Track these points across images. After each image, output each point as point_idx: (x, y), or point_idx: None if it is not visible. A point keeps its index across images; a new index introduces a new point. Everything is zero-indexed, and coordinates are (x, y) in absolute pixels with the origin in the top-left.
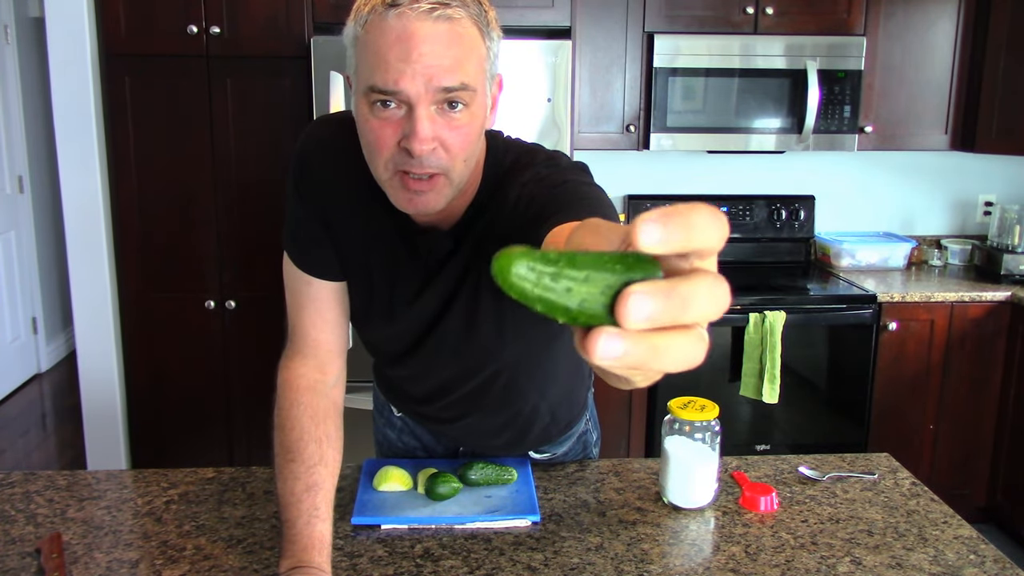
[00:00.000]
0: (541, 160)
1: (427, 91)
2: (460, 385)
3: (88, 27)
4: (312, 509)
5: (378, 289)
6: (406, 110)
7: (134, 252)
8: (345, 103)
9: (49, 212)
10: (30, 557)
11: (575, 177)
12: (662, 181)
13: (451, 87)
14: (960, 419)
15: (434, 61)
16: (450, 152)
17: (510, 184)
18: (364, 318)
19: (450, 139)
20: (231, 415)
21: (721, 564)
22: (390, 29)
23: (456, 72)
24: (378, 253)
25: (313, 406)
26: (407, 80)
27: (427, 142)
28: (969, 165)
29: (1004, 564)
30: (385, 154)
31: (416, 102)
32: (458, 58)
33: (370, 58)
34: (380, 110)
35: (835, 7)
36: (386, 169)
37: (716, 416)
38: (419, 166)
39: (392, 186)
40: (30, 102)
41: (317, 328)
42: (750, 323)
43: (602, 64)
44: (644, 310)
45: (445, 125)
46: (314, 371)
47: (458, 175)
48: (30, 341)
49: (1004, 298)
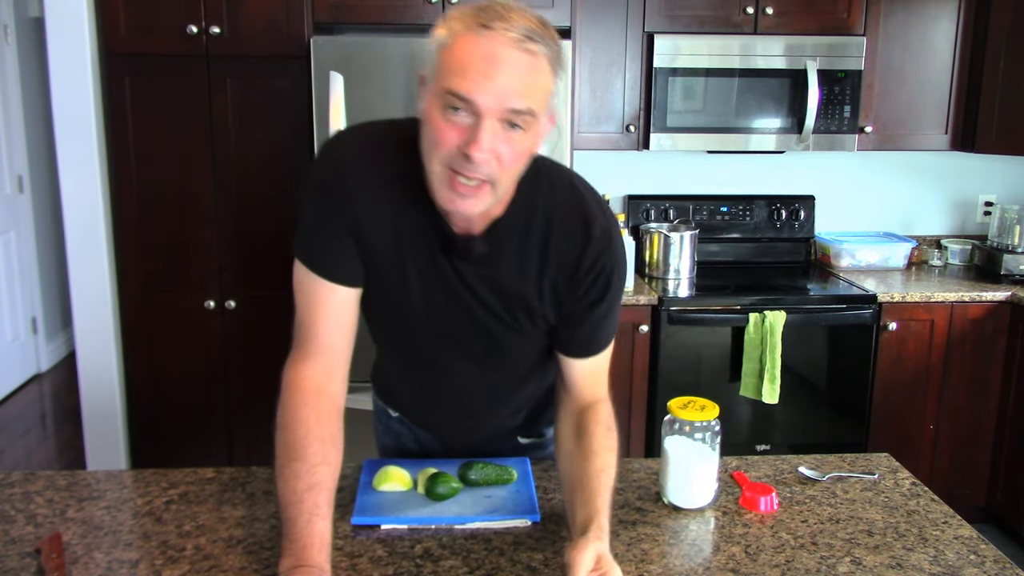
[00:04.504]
0: (577, 188)
1: (497, 108)
2: (465, 378)
3: (88, 27)
4: (313, 508)
5: (412, 286)
6: (474, 119)
7: (134, 252)
8: (345, 106)
9: (49, 212)
10: (30, 557)
11: (620, 263)
12: (662, 181)
13: (518, 109)
14: (960, 419)
15: (509, 84)
16: (502, 165)
17: (541, 210)
18: (391, 314)
19: (505, 154)
20: (231, 415)
21: (721, 564)
22: (478, 46)
23: (525, 97)
24: (412, 253)
25: (319, 407)
26: (483, 94)
27: (486, 151)
28: (969, 165)
29: (1004, 564)
30: (443, 151)
31: (485, 114)
32: (529, 86)
33: (454, 65)
34: (451, 113)
35: (835, 7)
36: (440, 164)
37: (716, 416)
38: (472, 171)
39: (440, 181)
40: (30, 102)
41: (331, 333)
42: (750, 323)
43: (602, 64)
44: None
45: (504, 140)
46: (322, 374)
47: (502, 187)
48: (30, 341)
49: (1004, 298)
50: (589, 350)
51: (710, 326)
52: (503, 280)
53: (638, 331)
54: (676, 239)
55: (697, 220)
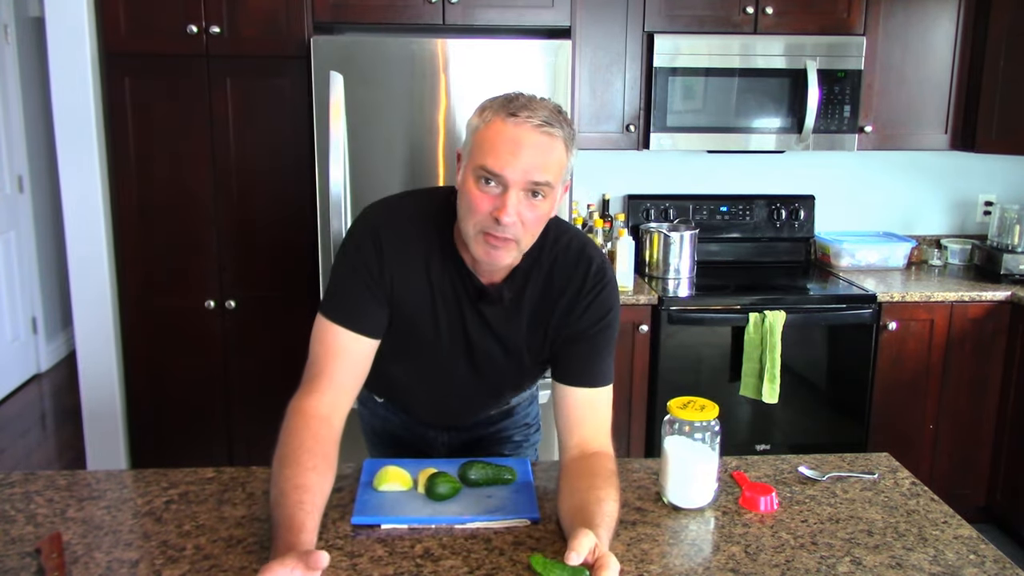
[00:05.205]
0: (577, 237)
1: (522, 180)
2: (466, 393)
3: (88, 27)
4: (297, 504)
5: (443, 330)
6: (502, 190)
7: (134, 252)
8: (345, 106)
9: (49, 212)
10: (30, 557)
11: (615, 298)
12: (662, 181)
13: (539, 181)
14: (960, 419)
15: (532, 161)
16: (525, 226)
17: (547, 254)
18: (414, 346)
19: (528, 218)
20: (231, 415)
21: (721, 564)
22: (506, 131)
23: (545, 172)
24: (443, 302)
25: (319, 432)
26: (510, 170)
27: (512, 215)
28: (969, 165)
29: (1004, 564)
30: (478, 216)
31: (511, 186)
32: (548, 163)
33: (486, 146)
34: (483, 185)
35: (835, 7)
36: (475, 227)
37: (716, 416)
38: (501, 231)
39: (476, 240)
40: (30, 102)
41: (344, 374)
42: (750, 323)
43: (602, 64)
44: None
45: (527, 207)
46: (326, 405)
47: (525, 244)
48: (30, 341)
49: (1004, 298)
50: (591, 376)
51: (710, 326)
52: (521, 318)
53: (638, 331)
54: (676, 239)
55: (697, 220)
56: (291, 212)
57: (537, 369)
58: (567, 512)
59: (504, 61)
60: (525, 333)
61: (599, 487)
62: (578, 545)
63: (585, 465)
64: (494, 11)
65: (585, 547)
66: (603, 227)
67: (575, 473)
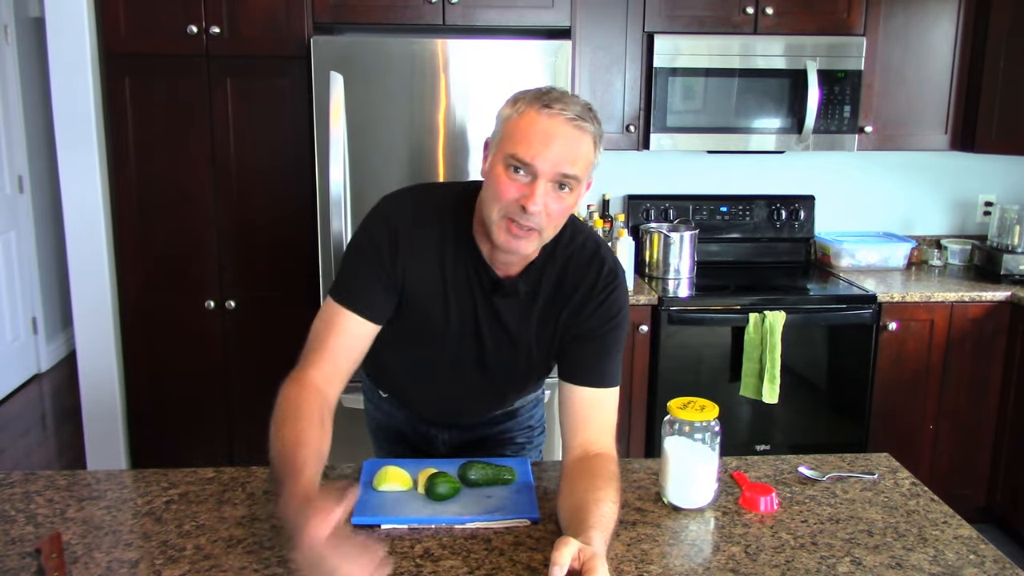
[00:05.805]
0: (591, 237)
1: (551, 171)
2: (470, 389)
3: (88, 27)
4: (296, 449)
5: (453, 320)
6: (531, 179)
7: (134, 252)
8: (345, 106)
9: (49, 212)
10: (30, 557)
11: (624, 298)
12: (662, 181)
13: (568, 174)
14: (960, 419)
15: (563, 153)
16: (549, 217)
17: (562, 251)
18: (423, 337)
19: (553, 208)
20: (231, 415)
21: (721, 564)
22: (540, 121)
23: (574, 165)
24: (456, 294)
25: (313, 398)
26: (541, 160)
27: (539, 204)
28: (969, 165)
29: (1004, 564)
30: (504, 202)
31: (540, 176)
32: (577, 156)
33: (518, 135)
34: (513, 173)
35: (835, 7)
36: (499, 212)
37: (716, 416)
38: (526, 220)
39: (499, 227)
40: (30, 102)
41: (341, 353)
42: (750, 323)
43: (602, 64)
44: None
45: (554, 198)
46: (321, 378)
47: (547, 236)
48: (30, 341)
49: (1004, 298)
50: (598, 376)
51: (710, 326)
52: (533, 312)
53: (638, 331)
54: (676, 239)
55: (697, 220)
56: (291, 212)
57: (543, 368)
58: (565, 512)
59: (504, 61)
60: (535, 328)
61: (599, 488)
62: (559, 557)
63: (587, 466)
64: (494, 11)
65: (567, 556)
66: (603, 227)
67: (576, 473)
